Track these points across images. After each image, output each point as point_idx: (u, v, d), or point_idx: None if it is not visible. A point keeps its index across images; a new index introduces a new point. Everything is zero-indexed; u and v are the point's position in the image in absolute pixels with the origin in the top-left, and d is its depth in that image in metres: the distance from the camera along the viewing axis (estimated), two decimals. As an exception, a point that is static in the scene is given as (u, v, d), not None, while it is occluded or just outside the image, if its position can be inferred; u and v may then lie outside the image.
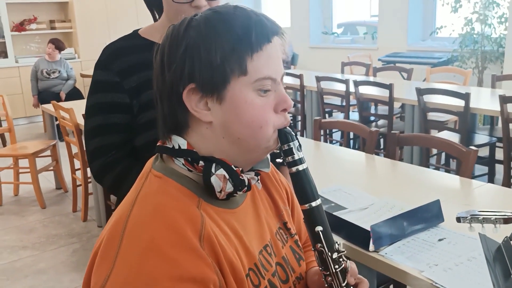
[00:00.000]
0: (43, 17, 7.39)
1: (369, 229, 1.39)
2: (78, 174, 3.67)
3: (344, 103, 4.44)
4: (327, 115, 4.83)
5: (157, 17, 1.37)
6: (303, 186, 0.80)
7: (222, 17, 0.74)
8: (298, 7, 7.90)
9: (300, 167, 0.80)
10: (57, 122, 3.95)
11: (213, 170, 0.75)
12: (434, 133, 4.25)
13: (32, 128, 6.75)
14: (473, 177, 3.46)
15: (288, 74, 5.10)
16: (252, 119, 0.75)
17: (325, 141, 4.53)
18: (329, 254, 0.82)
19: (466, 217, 1.36)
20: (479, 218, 1.33)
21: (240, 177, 0.78)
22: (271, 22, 0.77)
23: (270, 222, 0.90)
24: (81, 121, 3.21)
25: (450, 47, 5.78)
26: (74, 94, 6.09)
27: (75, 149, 3.60)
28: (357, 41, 7.50)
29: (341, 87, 4.36)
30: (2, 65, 6.82)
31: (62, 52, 6.26)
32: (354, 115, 4.45)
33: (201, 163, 0.76)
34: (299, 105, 4.99)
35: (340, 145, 4.89)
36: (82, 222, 3.57)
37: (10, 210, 3.87)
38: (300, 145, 0.81)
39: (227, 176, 0.76)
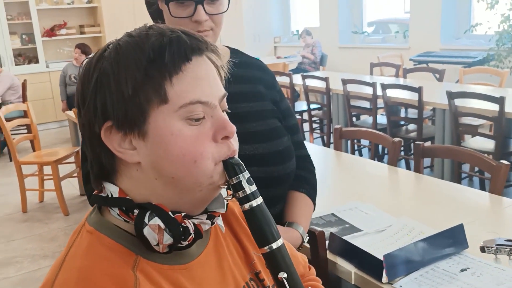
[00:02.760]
0: (72, 22, 7.50)
1: (382, 258, 1.27)
2: (100, 181, 3.65)
3: (371, 106, 4.27)
4: (354, 119, 4.67)
5: None
6: (260, 225, 0.68)
7: (134, 40, 0.65)
8: (327, 6, 7.74)
9: (254, 203, 0.68)
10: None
11: (146, 219, 0.64)
12: (468, 138, 4.04)
13: (61, 132, 6.84)
14: (507, 185, 3.26)
15: (313, 77, 4.97)
16: (183, 152, 0.64)
17: (353, 146, 4.38)
18: None
19: (491, 247, 1.22)
20: (506, 250, 1.19)
21: (183, 224, 0.66)
22: (193, 38, 0.66)
23: (238, 274, 0.76)
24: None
25: (486, 45, 5.50)
26: (101, 99, 6.12)
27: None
28: (388, 40, 7.28)
29: (368, 90, 4.20)
30: (33, 70, 6.94)
31: (90, 56, 6.31)
32: (383, 119, 4.28)
33: (136, 211, 0.65)
34: (325, 109, 4.85)
35: (369, 150, 4.73)
36: (103, 230, 3.55)
37: (34, 217, 3.89)
38: (250, 177, 0.69)
39: (163, 226, 0.64)
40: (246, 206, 0.68)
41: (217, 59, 0.70)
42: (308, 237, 1.28)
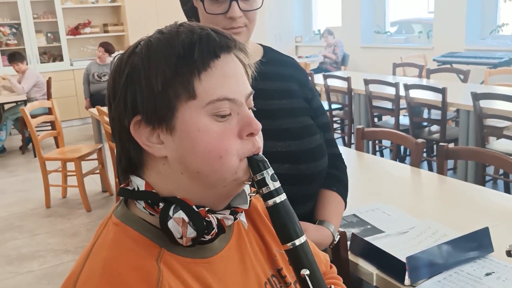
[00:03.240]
0: (96, 21, 7.60)
1: (405, 260, 1.25)
2: (121, 178, 3.69)
3: (394, 107, 4.23)
4: (376, 119, 4.62)
5: None
6: (283, 222, 0.69)
7: (164, 37, 0.66)
8: (349, 6, 7.68)
9: (278, 199, 0.69)
10: (103, 127, 3.99)
11: (170, 213, 0.65)
12: (492, 140, 3.96)
13: (84, 129, 6.95)
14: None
15: (335, 76, 4.94)
16: (209, 148, 0.64)
17: (374, 146, 4.34)
18: None
19: (518, 251, 1.20)
20: (533, 254, 1.16)
21: (206, 218, 0.66)
22: (222, 36, 0.67)
23: (260, 270, 0.77)
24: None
25: (512, 46, 5.40)
26: (124, 97, 6.20)
27: (118, 154, 3.62)
28: (411, 40, 7.19)
29: (390, 91, 4.15)
30: (58, 68, 7.06)
31: (113, 54, 6.39)
32: (405, 120, 4.23)
33: (161, 205, 0.66)
34: (346, 109, 4.82)
35: (390, 151, 4.68)
36: (124, 226, 3.59)
37: (57, 213, 3.96)
38: (274, 173, 0.69)
39: (187, 219, 0.65)
40: (270, 202, 0.69)
41: (244, 57, 0.70)
42: (339, 236, 1.27)
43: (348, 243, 1.41)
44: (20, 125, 5.76)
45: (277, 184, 0.69)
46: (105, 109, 3.86)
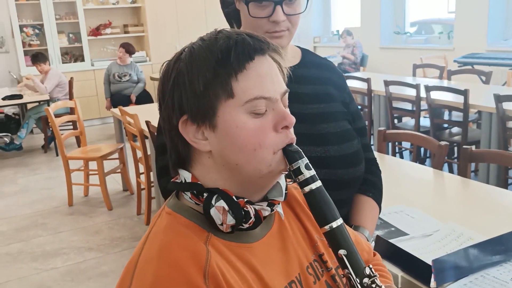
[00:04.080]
0: (117, 21, 7.69)
1: (430, 263, 1.26)
2: (142, 178, 3.75)
3: (414, 108, 4.21)
4: (396, 120, 4.60)
5: (236, 28, 1.32)
6: (320, 206, 0.75)
7: (205, 44, 0.74)
8: (369, 6, 7.65)
9: (313, 186, 0.74)
10: (124, 126, 4.05)
11: (213, 201, 0.73)
12: (515, 142, 3.92)
13: (105, 129, 7.04)
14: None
15: (355, 78, 4.93)
16: (245, 143, 0.72)
17: (394, 148, 4.32)
18: (357, 280, 0.75)
19: (546, 255, 1.19)
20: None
21: (245, 208, 0.74)
22: (256, 40, 0.73)
23: (302, 255, 0.83)
24: (145, 126, 3.26)
25: (535, 47, 5.33)
26: (144, 97, 6.28)
27: (139, 154, 3.68)
28: (431, 41, 7.13)
29: (411, 92, 4.13)
30: (79, 68, 7.17)
31: (134, 55, 6.47)
32: (426, 121, 4.21)
33: (205, 195, 0.74)
34: (366, 110, 4.81)
35: (410, 153, 4.65)
36: (145, 225, 3.64)
37: (79, 211, 4.03)
38: (308, 162, 0.75)
39: (227, 208, 0.72)
40: (306, 189, 0.75)
41: (279, 58, 0.76)
42: (373, 241, 1.27)
43: (373, 244, 1.42)
44: (42, 124, 5.86)
45: (312, 172, 0.74)
46: (126, 109, 3.92)
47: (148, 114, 3.64)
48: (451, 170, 4.24)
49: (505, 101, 3.27)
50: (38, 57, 5.80)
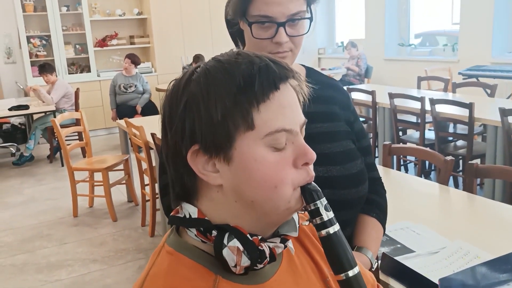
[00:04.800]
0: (123, 32, 7.75)
1: (437, 281, 1.25)
2: (147, 189, 3.75)
3: (419, 121, 4.21)
4: (400, 133, 4.60)
5: (241, 48, 1.33)
6: (337, 252, 0.69)
7: (223, 66, 0.66)
8: (373, 18, 7.68)
9: (331, 230, 0.69)
10: (130, 138, 4.06)
11: (225, 241, 0.66)
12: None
13: (110, 139, 7.06)
14: None
15: (360, 90, 4.94)
16: (264, 178, 0.65)
17: (399, 161, 4.31)
18: None
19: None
20: None
21: (259, 247, 0.67)
22: (280, 67, 0.67)
23: None
24: (150, 138, 3.28)
25: (540, 59, 5.33)
26: (150, 108, 6.31)
27: (145, 165, 3.69)
28: (435, 53, 7.14)
29: (416, 105, 4.14)
30: (85, 79, 7.22)
31: (139, 66, 6.51)
32: (430, 134, 4.21)
33: (214, 233, 0.67)
34: (370, 122, 4.81)
35: (415, 166, 4.65)
36: (150, 237, 3.64)
37: (84, 222, 4.03)
38: (327, 203, 0.70)
39: (241, 248, 0.65)
40: (323, 232, 0.69)
41: (298, 86, 0.71)
42: (376, 263, 1.26)
43: (379, 262, 1.42)
44: (48, 134, 5.90)
45: (331, 214, 0.69)
46: (132, 120, 3.94)
47: (154, 126, 3.66)
48: (456, 183, 4.23)
49: (510, 115, 3.26)
50: (45, 68, 5.85)
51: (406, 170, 4.77)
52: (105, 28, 7.59)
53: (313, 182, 0.69)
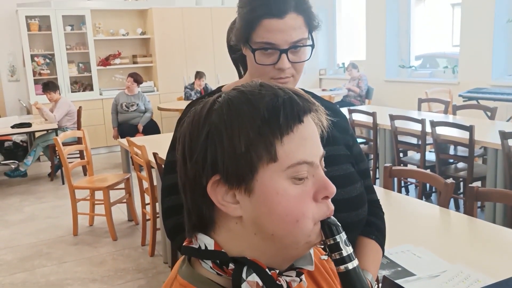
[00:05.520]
0: (126, 52, 7.83)
1: (438, 306, 1.26)
2: (148, 208, 3.75)
3: (420, 142, 4.23)
4: (401, 154, 4.62)
5: (242, 73, 1.35)
6: None
7: (246, 97, 0.66)
8: (374, 40, 7.76)
9: (350, 265, 0.68)
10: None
11: (243, 275, 0.65)
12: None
13: (111, 158, 7.08)
14: None
15: (361, 111, 4.97)
16: (286, 212, 0.64)
17: (399, 182, 4.32)
18: None
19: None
20: None
21: (277, 282, 0.66)
22: (303, 99, 0.67)
23: None
24: (152, 158, 3.29)
25: (540, 83, 5.37)
26: (152, 127, 6.34)
27: (146, 184, 3.70)
28: (436, 75, 7.20)
29: (416, 127, 4.16)
30: (87, 98, 7.27)
31: (142, 85, 6.56)
32: (431, 156, 4.22)
33: (231, 266, 0.66)
34: (371, 143, 4.83)
35: (416, 187, 4.65)
36: (150, 257, 3.63)
37: (84, 241, 4.02)
38: (347, 238, 0.69)
39: (261, 283, 0.64)
40: (342, 267, 0.69)
41: (318, 118, 0.71)
42: (377, 285, 1.26)
43: (379, 285, 1.42)
44: (49, 152, 5.92)
45: (350, 249, 0.69)
46: (134, 139, 3.96)
47: (156, 145, 3.68)
48: (457, 205, 4.23)
49: (510, 137, 3.28)
50: (48, 86, 5.90)
51: (407, 192, 4.78)
52: (109, 47, 7.67)
53: (332, 216, 0.69)
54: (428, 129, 3.96)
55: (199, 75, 6.65)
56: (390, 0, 7.47)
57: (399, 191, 4.28)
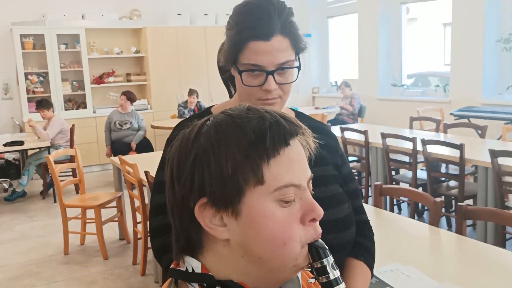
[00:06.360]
0: (120, 70, 7.87)
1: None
2: (140, 227, 3.73)
3: (411, 160, 4.25)
4: (393, 172, 4.64)
5: (233, 92, 1.37)
6: None
7: (234, 121, 0.66)
8: (366, 58, 7.85)
9: None
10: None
11: None
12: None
13: (104, 176, 7.06)
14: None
15: (353, 130, 5.00)
16: (273, 235, 0.64)
17: (392, 201, 4.33)
18: None
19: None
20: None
21: None
22: (290, 123, 0.68)
23: None
24: (143, 176, 3.29)
25: (529, 101, 5.44)
26: (145, 145, 6.34)
27: (137, 203, 3.68)
28: (428, 93, 7.27)
29: (408, 145, 4.19)
30: (81, 115, 7.27)
31: (135, 103, 6.58)
32: (423, 174, 4.24)
33: None
34: (363, 161, 4.85)
35: (408, 205, 4.66)
36: (141, 276, 3.60)
37: (74, 260, 3.99)
38: (334, 261, 0.70)
39: None
40: None
41: (305, 141, 0.72)
42: None
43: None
44: (42, 170, 5.89)
45: (337, 272, 0.69)
46: (126, 158, 3.95)
47: (148, 163, 3.68)
48: (449, 224, 4.24)
49: (500, 156, 3.31)
50: (42, 104, 5.90)
51: (400, 210, 4.78)
52: (103, 66, 7.70)
53: (320, 239, 0.69)
54: (420, 147, 3.99)
55: (190, 92, 6.69)
56: (382, 20, 7.58)
57: (392, 209, 4.29)
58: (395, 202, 4.57)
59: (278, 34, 1.12)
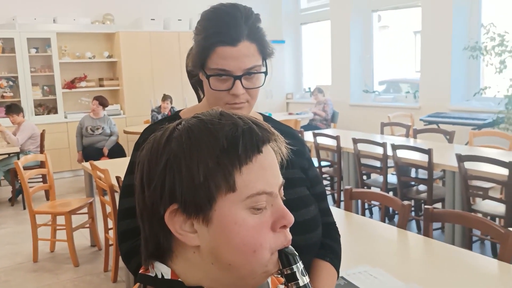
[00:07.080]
0: (92, 75, 7.78)
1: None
2: (111, 233, 3.69)
3: (382, 165, 4.32)
4: (365, 177, 4.71)
5: (202, 96, 1.37)
6: None
7: (206, 126, 0.65)
8: (339, 65, 7.96)
9: None
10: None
11: None
12: (479, 200, 4.04)
13: (75, 182, 6.95)
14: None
15: (325, 135, 5.06)
16: (244, 242, 0.64)
17: (363, 205, 4.39)
18: None
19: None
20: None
21: None
22: (262, 129, 0.68)
23: None
24: (115, 182, 3.26)
25: (495, 108, 5.60)
26: (117, 150, 6.28)
27: (109, 209, 3.64)
28: (398, 99, 7.41)
29: (379, 150, 4.26)
30: (52, 121, 7.15)
31: (108, 108, 6.51)
32: (393, 178, 4.32)
33: None
34: (335, 166, 4.91)
35: (379, 209, 4.73)
36: (112, 283, 3.55)
37: (44, 267, 3.91)
38: (304, 268, 0.70)
39: None
40: None
41: (277, 147, 0.72)
42: None
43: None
44: (10, 176, 5.76)
45: (307, 279, 0.69)
46: (98, 163, 3.91)
47: (120, 169, 3.64)
48: (419, 227, 4.33)
49: (466, 160, 3.40)
50: (11, 108, 5.79)
51: (371, 214, 4.86)
52: (74, 70, 7.60)
53: (290, 246, 0.70)
54: (390, 152, 4.07)
55: (164, 97, 6.67)
56: (354, 27, 7.70)
57: (363, 213, 4.35)
58: (366, 206, 4.64)
59: (245, 39, 1.14)
